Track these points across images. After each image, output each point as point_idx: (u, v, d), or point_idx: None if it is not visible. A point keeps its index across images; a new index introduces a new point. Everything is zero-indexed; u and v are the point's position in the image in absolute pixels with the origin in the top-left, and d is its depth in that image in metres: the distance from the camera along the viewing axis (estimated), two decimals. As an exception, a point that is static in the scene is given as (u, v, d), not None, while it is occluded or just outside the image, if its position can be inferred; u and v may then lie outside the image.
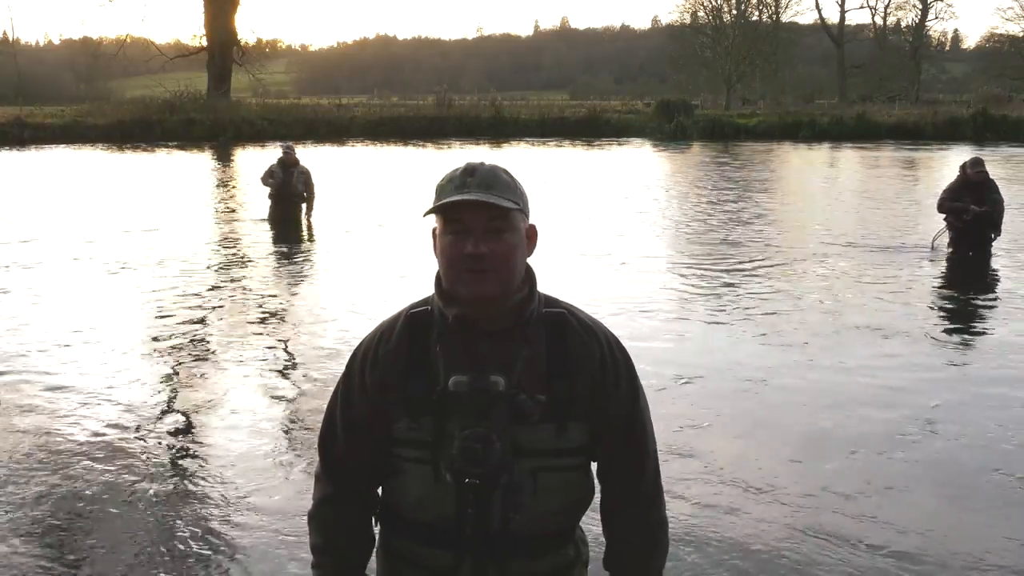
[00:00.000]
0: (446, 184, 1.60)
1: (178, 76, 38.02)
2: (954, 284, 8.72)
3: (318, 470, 1.78)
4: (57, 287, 8.14)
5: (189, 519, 3.71)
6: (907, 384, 5.45)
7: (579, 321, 1.67)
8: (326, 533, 1.74)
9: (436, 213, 1.60)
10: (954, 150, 26.05)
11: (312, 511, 1.77)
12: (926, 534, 3.59)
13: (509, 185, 1.60)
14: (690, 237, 11.20)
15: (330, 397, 1.77)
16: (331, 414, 1.74)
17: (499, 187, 1.58)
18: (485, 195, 1.55)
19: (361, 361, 1.69)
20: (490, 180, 1.58)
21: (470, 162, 1.63)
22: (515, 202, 1.59)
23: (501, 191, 1.58)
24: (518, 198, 1.60)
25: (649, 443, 1.73)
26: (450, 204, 1.56)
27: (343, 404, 1.72)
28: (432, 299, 1.67)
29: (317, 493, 1.76)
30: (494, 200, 1.55)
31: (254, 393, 5.31)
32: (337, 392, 1.74)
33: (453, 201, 1.55)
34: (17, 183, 17.53)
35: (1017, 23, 56.85)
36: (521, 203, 1.61)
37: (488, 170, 1.60)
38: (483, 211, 1.56)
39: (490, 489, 1.56)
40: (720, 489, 3.97)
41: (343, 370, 1.73)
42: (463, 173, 1.59)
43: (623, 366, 1.68)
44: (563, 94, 65.46)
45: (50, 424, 4.74)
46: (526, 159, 23.24)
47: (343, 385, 1.72)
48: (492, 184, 1.57)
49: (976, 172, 9.34)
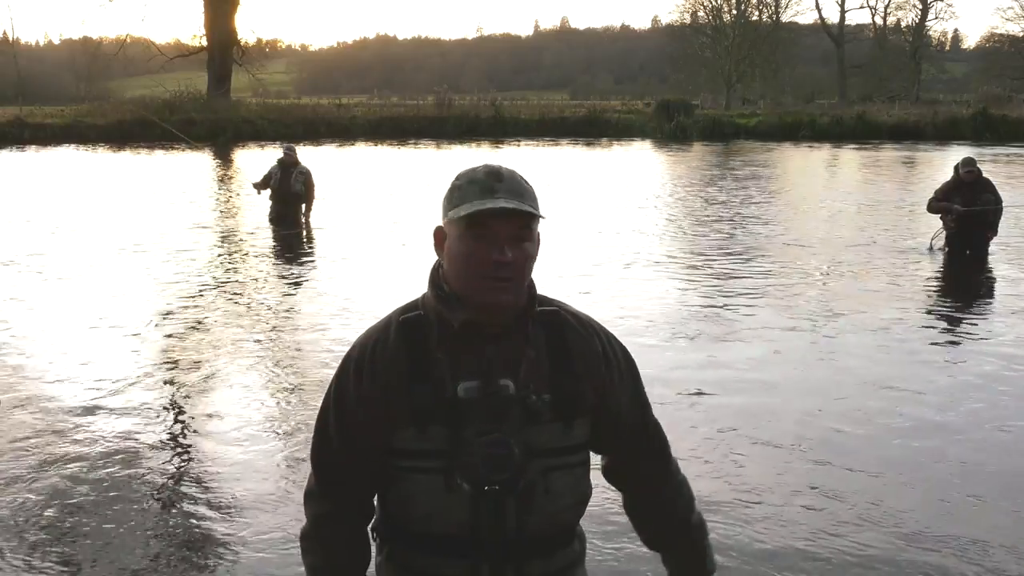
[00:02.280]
0: (467, 186, 1.54)
1: (178, 76, 37.99)
2: (946, 285, 8.73)
3: (311, 486, 1.71)
4: (54, 288, 8.14)
5: (189, 523, 3.71)
6: (903, 382, 5.46)
7: (574, 317, 1.67)
8: (326, 552, 1.67)
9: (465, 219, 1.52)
10: (954, 150, 26.03)
11: (308, 530, 1.69)
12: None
13: (531, 193, 1.57)
14: (690, 238, 11.20)
15: (319, 412, 1.68)
16: (323, 428, 1.66)
17: (527, 195, 1.54)
18: (519, 203, 1.52)
19: (355, 371, 1.62)
20: (518, 187, 1.54)
21: (490, 165, 1.58)
22: (537, 209, 1.56)
23: (530, 199, 1.54)
24: (538, 206, 1.58)
25: (654, 419, 1.77)
26: (488, 211, 1.50)
27: (336, 417, 1.63)
28: (425, 303, 1.63)
29: (312, 510, 1.69)
30: (528, 209, 1.52)
31: (253, 393, 5.31)
32: (328, 405, 1.65)
33: (497, 208, 1.50)
34: (17, 183, 17.52)
35: (1017, 23, 56.90)
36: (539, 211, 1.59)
37: (513, 176, 1.56)
38: (513, 220, 1.52)
39: (507, 494, 1.55)
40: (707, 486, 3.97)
41: (331, 381, 1.65)
42: (489, 176, 1.54)
43: (623, 356, 1.70)
44: (563, 94, 65.38)
45: (49, 427, 4.73)
46: (526, 159, 23.22)
47: (335, 397, 1.64)
48: (521, 192, 1.54)
49: (967, 172, 9.33)
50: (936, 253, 9.65)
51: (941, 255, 9.56)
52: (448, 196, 1.58)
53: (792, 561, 3.39)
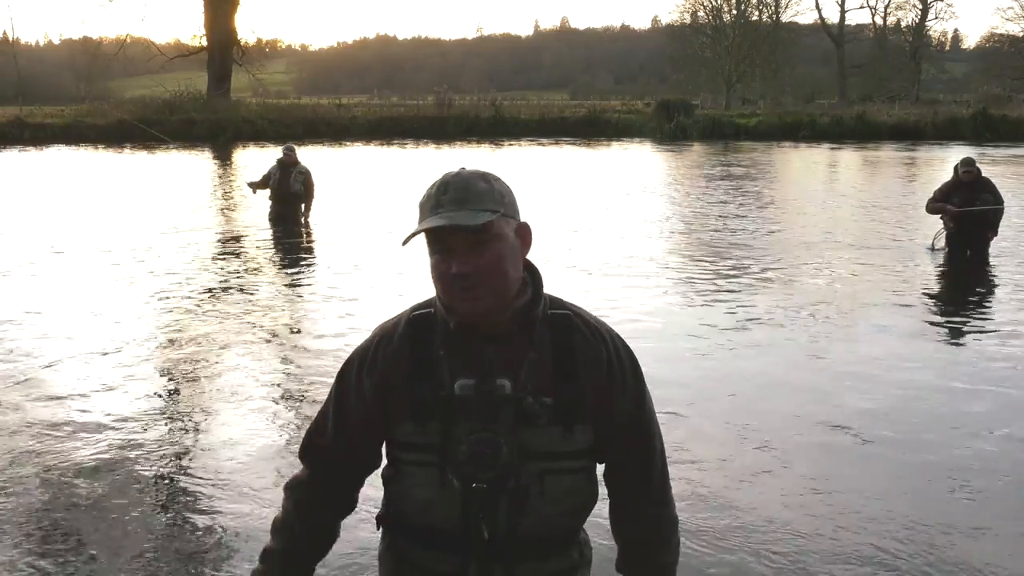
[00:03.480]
0: (424, 202, 1.57)
1: (178, 76, 38.01)
2: (944, 285, 8.73)
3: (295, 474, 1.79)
4: (52, 289, 8.14)
5: (189, 524, 3.71)
6: (903, 388, 5.46)
7: (585, 323, 1.65)
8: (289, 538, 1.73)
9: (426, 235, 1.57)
10: (954, 150, 26.05)
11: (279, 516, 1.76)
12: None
13: (484, 193, 1.53)
14: (690, 238, 11.19)
15: (325, 399, 1.75)
16: (323, 415, 1.73)
17: (472, 199, 1.52)
18: (456, 213, 1.50)
19: (358, 365, 1.67)
20: (462, 194, 1.52)
21: (446, 174, 1.57)
22: (493, 209, 1.52)
23: (476, 203, 1.52)
24: (497, 204, 1.54)
25: (656, 443, 1.73)
26: (425, 230, 1.54)
27: (336, 408, 1.70)
28: (435, 301, 1.66)
29: (291, 495, 1.76)
30: (462, 221, 1.50)
31: (254, 394, 5.30)
32: (331, 395, 1.72)
33: (422, 230, 1.54)
34: (16, 183, 17.51)
35: (1017, 23, 56.99)
36: (503, 207, 1.55)
37: (462, 182, 1.54)
38: (460, 230, 1.51)
39: (497, 493, 1.56)
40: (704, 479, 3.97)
41: (338, 374, 1.72)
42: (437, 190, 1.55)
43: (629, 367, 1.67)
44: (563, 94, 65.45)
45: (48, 431, 4.72)
46: (526, 159, 23.23)
47: (337, 389, 1.70)
48: (465, 198, 1.52)
49: (965, 172, 9.33)
50: (937, 253, 9.65)
51: (941, 255, 9.56)
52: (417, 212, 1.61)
53: (791, 561, 3.39)
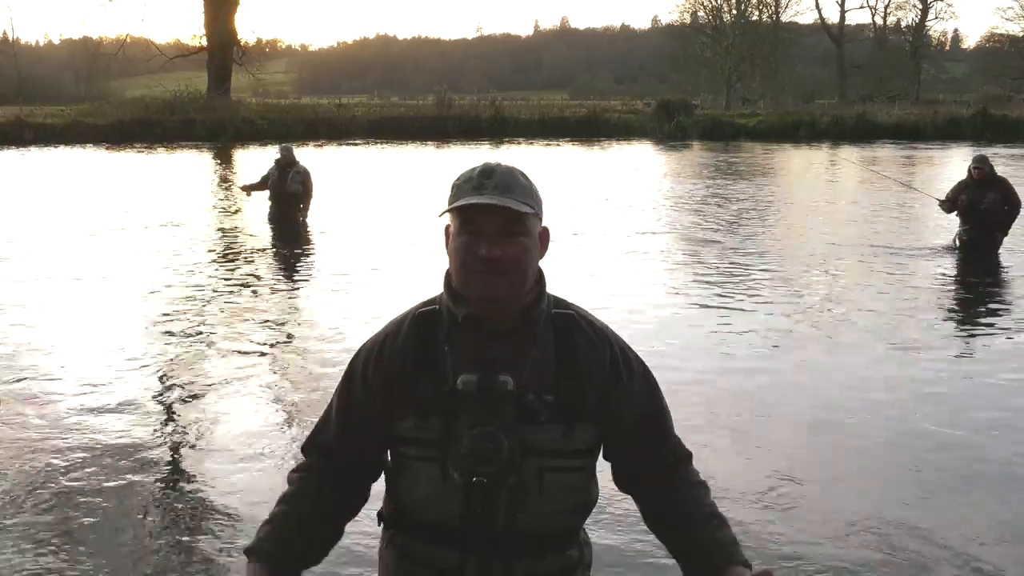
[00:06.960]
0: (463, 184, 1.60)
1: (178, 76, 37.98)
2: (952, 284, 8.74)
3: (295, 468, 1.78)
4: (51, 289, 8.14)
5: (189, 525, 3.71)
6: (902, 391, 5.45)
7: (588, 323, 1.68)
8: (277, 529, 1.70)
9: (452, 213, 1.61)
10: (954, 150, 26.06)
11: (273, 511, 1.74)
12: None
13: (527, 188, 1.61)
14: (690, 238, 11.20)
15: (332, 396, 1.77)
16: (329, 411, 1.76)
17: (517, 190, 1.58)
18: (502, 199, 1.56)
19: (364, 362, 1.70)
20: (508, 183, 1.58)
21: (488, 163, 1.63)
22: (531, 206, 1.59)
23: (519, 194, 1.58)
24: (534, 202, 1.61)
25: (671, 430, 1.75)
26: (467, 206, 1.56)
27: (341, 405, 1.72)
28: (441, 298, 1.68)
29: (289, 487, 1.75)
30: (511, 204, 1.56)
31: (254, 394, 5.31)
32: (338, 390, 1.74)
33: (470, 204, 1.56)
34: (16, 183, 17.51)
35: (1017, 23, 56.84)
36: (536, 207, 1.62)
37: (506, 172, 1.60)
38: (499, 215, 1.56)
39: (497, 488, 1.57)
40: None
41: (345, 370, 1.74)
42: (481, 174, 1.59)
43: (636, 366, 1.69)
44: (563, 94, 65.34)
45: (49, 430, 4.73)
46: (526, 159, 23.23)
47: (343, 386, 1.73)
48: (510, 187, 1.58)
49: (975, 170, 9.32)
50: (944, 252, 9.67)
51: (950, 254, 9.55)
52: (449, 194, 1.63)
53: (792, 557, 3.39)
